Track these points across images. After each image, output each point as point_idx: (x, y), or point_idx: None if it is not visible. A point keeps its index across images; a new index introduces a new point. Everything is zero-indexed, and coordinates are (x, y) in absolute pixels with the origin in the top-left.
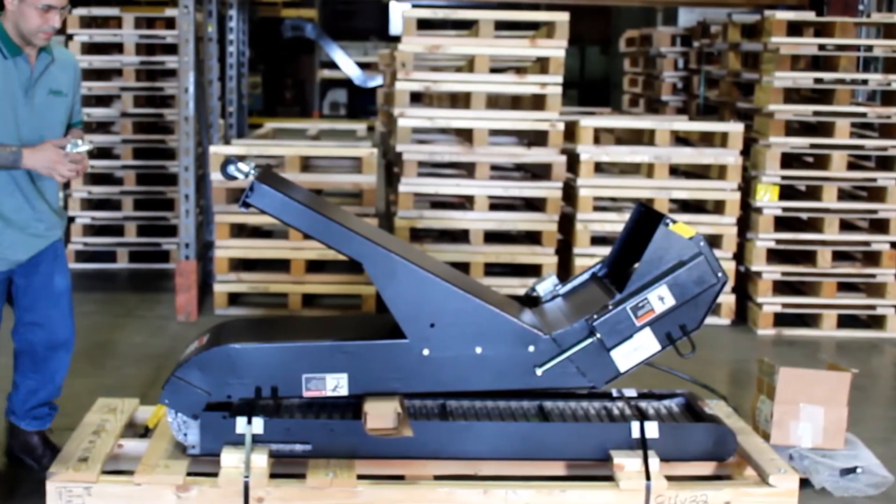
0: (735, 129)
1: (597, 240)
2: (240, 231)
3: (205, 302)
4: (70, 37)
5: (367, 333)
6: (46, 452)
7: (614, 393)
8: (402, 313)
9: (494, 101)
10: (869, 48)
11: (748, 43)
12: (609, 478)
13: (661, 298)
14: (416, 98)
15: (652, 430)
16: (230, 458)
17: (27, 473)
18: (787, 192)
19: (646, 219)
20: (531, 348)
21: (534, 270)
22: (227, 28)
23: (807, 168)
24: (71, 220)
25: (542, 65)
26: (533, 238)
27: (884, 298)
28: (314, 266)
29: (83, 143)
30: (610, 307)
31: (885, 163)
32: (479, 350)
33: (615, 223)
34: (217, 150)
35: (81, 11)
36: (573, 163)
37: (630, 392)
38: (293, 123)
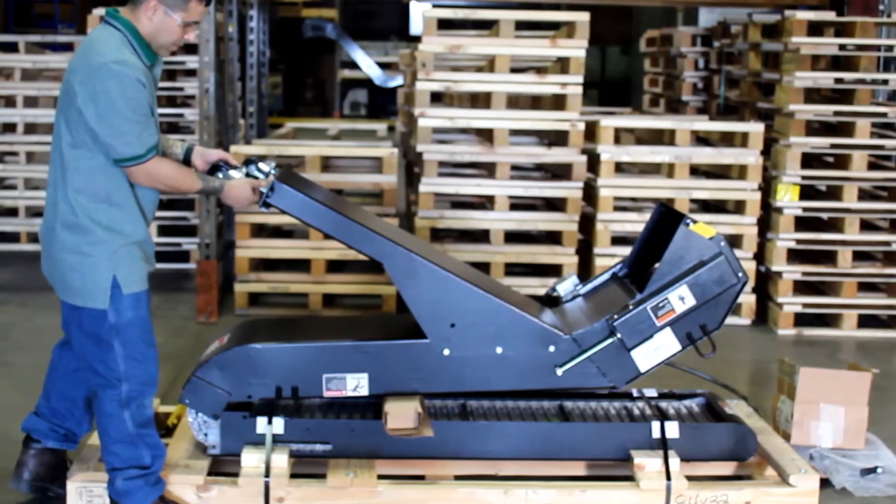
0: (755, 129)
1: (617, 240)
2: (260, 231)
3: (225, 302)
4: None
5: (387, 333)
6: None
7: (635, 393)
8: (423, 313)
9: (515, 101)
10: (889, 48)
11: (769, 43)
12: (629, 478)
13: (681, 298)
14: (437, 98)
15: (672, 430)
16: (250, 458)
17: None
18: (807, 192)
19: (666, 219)
20: (552, 348)
21: (554, 270)
22: (248, 28)
23: (827, 168)
24: None
25: (562, 65)
26: (553, 238)
27: None
28: (335, 266)
29: (240, 169)
30: (630, 307)
31: None
32: (499, 350)
33: (635, 223)
34: (238, 150)
35: (101, 11)
36: (593, 163)
37: (650, 392)
38: (313, 123)
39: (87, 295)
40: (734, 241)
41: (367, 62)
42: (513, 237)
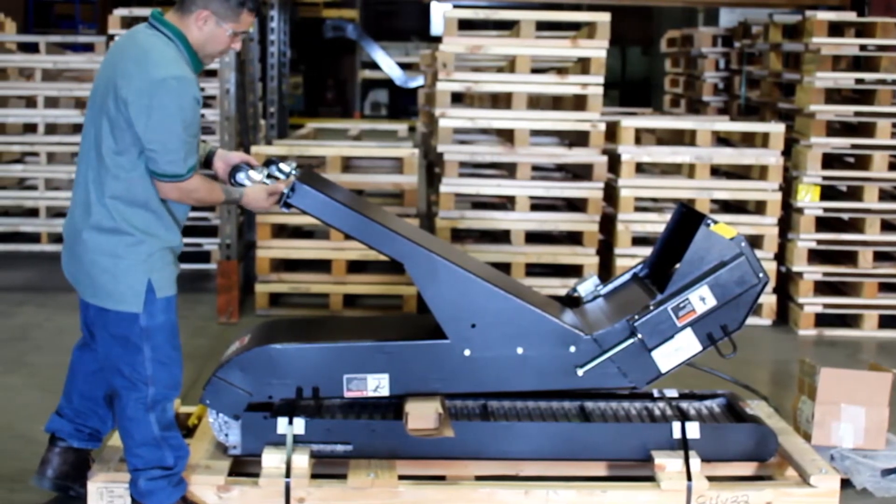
0: (776, 129)
1: (638, 240)
2: (281, 231)
3: (246, 302)
4: (111, 37)
5: (408, 334)
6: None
7: (655, 393)
8: (444, 314)
9: (535, 102)
10: None
11: (789, 43)
12: (650, 478)
13: (702, 299)
14: (458, 98)
15: (693, 430)
16: (271, 459)
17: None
18: (828, 193)
19: (687, 219)
20: (572, 349)
21: (575, 271)
22: (269, 28)
23: (848, 168)
24: None
25: (583, 65)
26: (574, 238)
27: None
28: (355, 266)
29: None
30: (651, 308)
31: None
32: (520, 350)
33: (656, 223)
34: (258, 151)
35: (122, 12)
36: (614, 163)
37: (671, 392)
38: (334, 124)
39: (119, 298)
40: (755, 241)
41: (387, 63)
42: (533, 237)
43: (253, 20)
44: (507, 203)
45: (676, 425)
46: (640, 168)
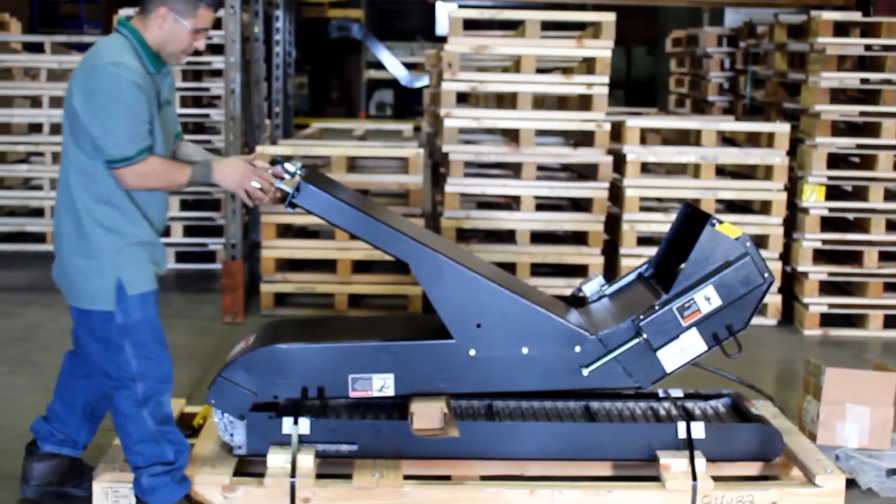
0: (781, 129)
1: (643, 240)
2: (286, 231)
3: (251, 302)
4: None
5: (413, 334)
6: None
7: (660, 393)
8: (449, 313)
9: (541, 102)
10: None
11: (794, 43)
12: (655, 478)
13: (707, 299)
14: (463, 98)
15: (698, 430)
16: (276, 459)
17: None
18: (833, 193)
19: (692, 219)
20: (577, 348)
21: (580, 271)
22: (274, 28)
23: (853, 168)
24: None
25: (588, 65)
26: (579, 238)
27: None
28: (360, 266)
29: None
30: (656, 307)
31: None
32: (525, 350)
33: (661, 223)
34: (264, 151)
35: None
36: (619, 163)
37: (676, 392)
38: (339, 124)
39: (94, 297)
40: (760, 241)
41: (392, 62)
42: (539, 237)
43: (212, 16)
44: (512, 203)
45: (682, 425)
46: (646, 168)
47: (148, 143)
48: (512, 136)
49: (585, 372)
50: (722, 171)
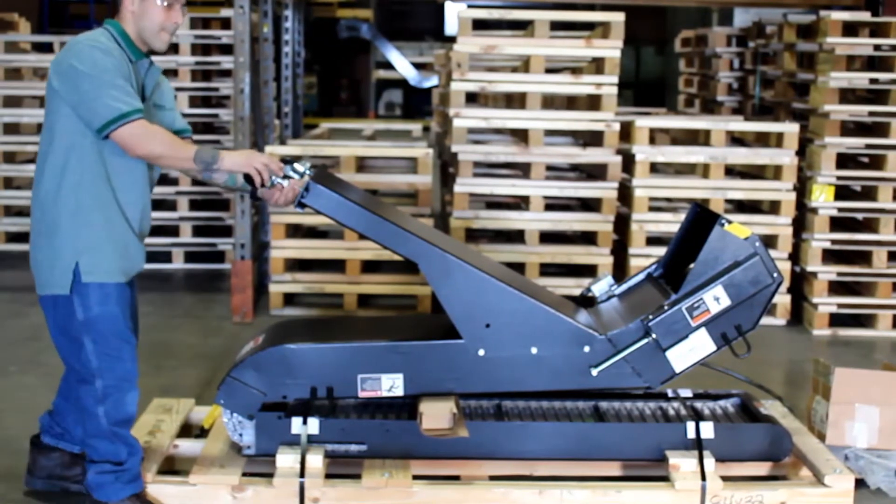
0: (790, 129)
1: (652, 240)
2: (295, 231)
3: (260, 302)
4: None
5: (422, 334)
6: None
7: (670, 393)
8: (458, 313)
9: (550, 102)
10: None
11: (804, 43)
12: (664, 478)
13: (716, 299)
14: (472, 98)
15: (707, 430)
16: (285, 459)
17: None
18: (842, 193)
19: (701, 219)
20: (587, 348)
21: (589, 271)
22: (283, 28)
23: (862, 168)
24: None
25: (597, 65)
26: (588, 238)
27: None
28: (370, 266)
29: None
30: (665, 307)
31: None
32: (534, 350)
33: (670, 223)
34: (273, 151)
35: None
36: (628, 163)
37: (685, 392)
38: (348, 124)
39: (52, 281)
40: (769, 241)
41: (402, 62)
42: (548, 237)
43: None
44: (521, 203)
45: (691, 425)
46: (655, 168)
47: (140, 105)
48: (521, 136)
49: (595, 372)
50: (731, 171)
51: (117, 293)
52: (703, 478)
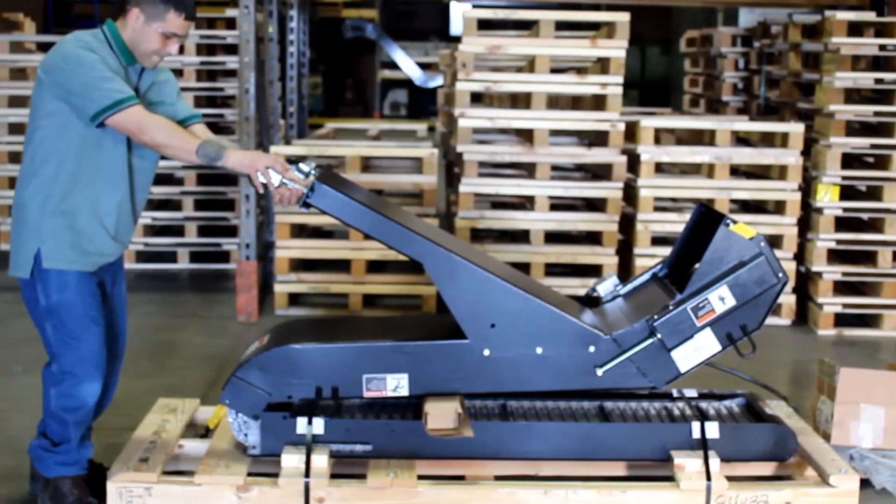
0: (796, 129)
1: (657, 240)
2: (300, 231)
3: (265, 302)
4: None
5: (427, 334)
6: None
7: (675, 393)
8: (463, 313)
9: (555, 102)
10: None
11: (809, 43)
12: (669, 478)
13: (721, 299)
14: (477, 98)
15: (712, 430)
16: (290, 459)
17: None
18: (847, 193)
19: (706, 219)
20: (592, 348)
21: (594, 271)
22: (288, 28)
23: (867, 168)
24: None
25: (602, 65)
26: (593, 238)
27: None
28: (375, 266)
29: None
30: (670, 307)
31: None
32: (539, 350)
33: (675, 223)
34: (278, 151)
35: None
36: (634, 163)
37: (690, 392)
38: (354, 124)
39: (18, 264)
40: (774, 241)
41: (407, 62)
42: (553, 237)
43: (182, 23)
44: (526, 203)
45: (696, 425)
46: (660, 168)
47: (134, 94)
48: (526, 136)
49: (600, 372)
50: (736, 171)
51: (77, 282)
52: (709, 478)
